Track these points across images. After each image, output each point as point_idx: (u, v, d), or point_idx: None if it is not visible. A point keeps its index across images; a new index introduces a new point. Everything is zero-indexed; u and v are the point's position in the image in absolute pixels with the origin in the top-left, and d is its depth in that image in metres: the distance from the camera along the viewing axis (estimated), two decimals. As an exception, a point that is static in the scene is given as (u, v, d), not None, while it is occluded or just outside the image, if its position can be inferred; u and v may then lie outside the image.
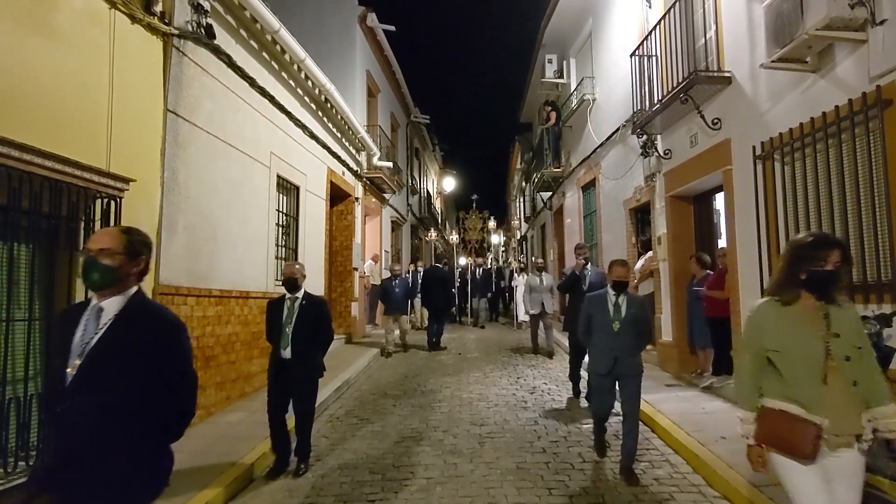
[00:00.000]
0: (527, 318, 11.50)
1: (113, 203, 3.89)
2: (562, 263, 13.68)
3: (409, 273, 13.09)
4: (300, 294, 4.35)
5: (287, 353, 4.20)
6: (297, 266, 4.37)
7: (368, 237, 13.12)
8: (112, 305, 1.83)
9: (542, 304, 9.08)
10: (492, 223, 17.05)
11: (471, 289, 14.57)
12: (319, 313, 4.36)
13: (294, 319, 4.24)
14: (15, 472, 3.19)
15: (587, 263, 6.55)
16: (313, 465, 4.45)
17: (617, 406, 4.29)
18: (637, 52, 7.39)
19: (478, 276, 14.54)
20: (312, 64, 7.70)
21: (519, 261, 17.59)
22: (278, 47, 6.93)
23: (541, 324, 9.34)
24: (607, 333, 4.13)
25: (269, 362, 4.33)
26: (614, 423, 4.92)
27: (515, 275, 14.13)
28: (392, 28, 13.10)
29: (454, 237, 17.04)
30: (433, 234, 16.35)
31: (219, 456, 4.33)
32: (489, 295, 15.05)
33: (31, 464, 3.28)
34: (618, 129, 8.93)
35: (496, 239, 18.18)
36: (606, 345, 4.13)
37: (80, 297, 3.72)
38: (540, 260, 10.17)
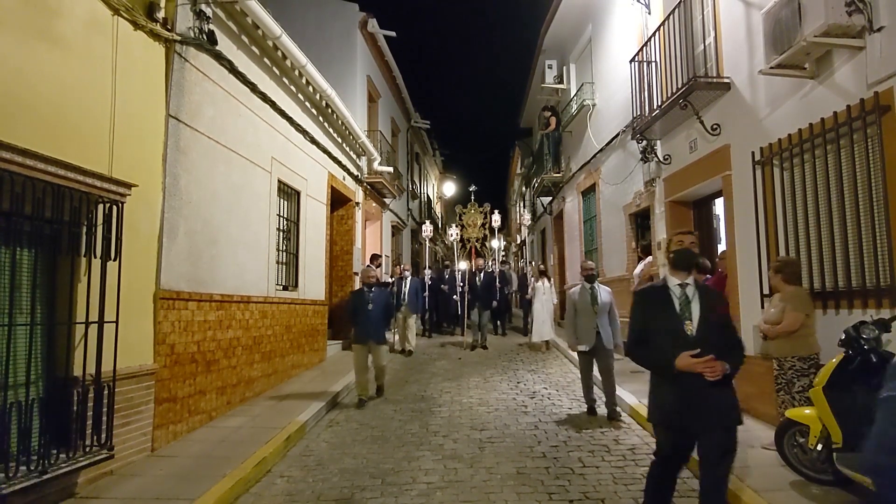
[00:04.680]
0: (550, 338, 10.17)
1: (115, 208, 3.91)
2: (562, 268, 13.66)
3: (394, 281, 10.95)
4: None
5: None
6: None
7: (369, 242, 13.14)
8: None
9: (598, 333, 5.74)
10: (496, 217, 13.29)
11: (469, 298, 11.41)
12: None
13: None
14: (16, 476, 3.18)
15: (692, 272, 3.03)
16: (314, 469, 4.46)
17: None
18: (636, 58, 7.43)
19: (477, 283, 11.39)
20: (313, 69, 7.73)
21: (537, 264, 14.26)
22: (279, 53, 6.96)
23: (595, 365, 5.89)
24: None
25: None
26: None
27: (532, 280, 11.57)
28: (392, 33, 13.17)
29: (453, 232, 13.75)
30: (429, 231, 13.34)
31: (219, 461, 4.32)
32: (493, 305, 11.89)
33: (31, 468, 3.28)
34: (617, 135, 8.97)
35: (497, 244, 16.08)
36: None
37: (81, 301, 3.74)
38: (590, 263, 6.23)
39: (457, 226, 13.82)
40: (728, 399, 2.81)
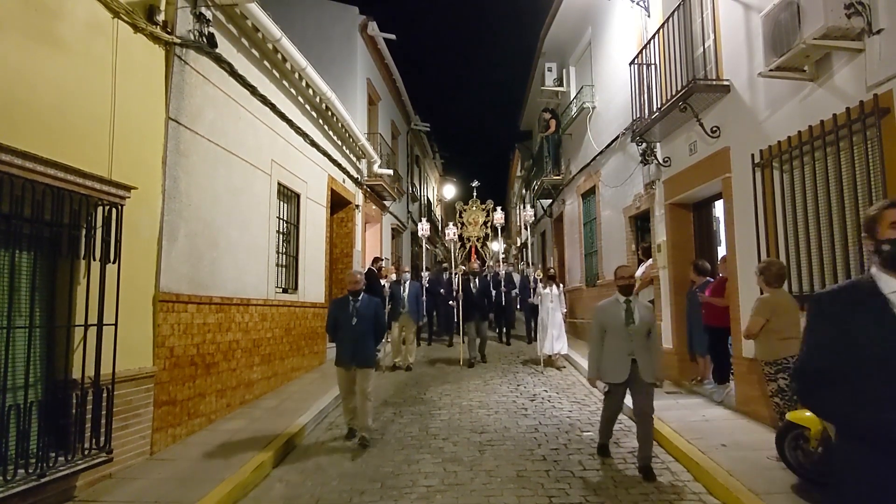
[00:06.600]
0: (554, 351, 8.74)
1: (114, 210, 3.91)
2: (562, 271, 13.63)
3: (390, 285, 9.57)
4: None
5: None
6: None
7: (369, 244, 13.13)
8: None
9: (634, 362, 4.24)
10: (499, 215, 11.81)
11: (465, 306, 9.55)
12: None
13: None
14: (14, 479, 3.17)
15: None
16: (313, 473, 4.44)
17: None
18: (636, 61, 7.43)
19: (473, 289, 9.74)
20: (313, 72, 7.74)
21: (544, 267, 12.19)
22: (279, 56, 6.97)
23: (624, 404, 4.59)
24: None
25: None
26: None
27: (539, 285, 9.85)
28: (392, 36, 13.19)
29: (450, 231, 12.01)
30: (425, 229, 12.03)
31: (218, 464, 4.31)
32: (491, 316, 10.21)
33: (30, 471, 3.27)
34: (617, 137, 8.97)
35: (497, 246, 15.41)
36: None
37: (81, 303, 3.73)
38: (629, 269, 4.82)
39: (455, 224, 12.41)
40: None
